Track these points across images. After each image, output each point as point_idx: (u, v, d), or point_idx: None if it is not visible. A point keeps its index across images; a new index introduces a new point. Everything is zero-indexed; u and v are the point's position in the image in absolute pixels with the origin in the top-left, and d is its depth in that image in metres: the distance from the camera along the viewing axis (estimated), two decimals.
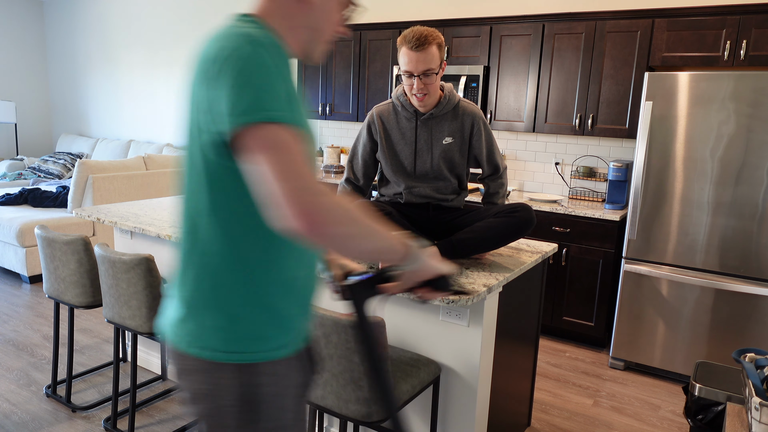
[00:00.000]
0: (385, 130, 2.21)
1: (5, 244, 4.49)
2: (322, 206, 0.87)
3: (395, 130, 2.20)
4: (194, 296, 1.02)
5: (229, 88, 0.89)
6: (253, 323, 1.00)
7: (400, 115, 2.20)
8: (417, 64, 1.98)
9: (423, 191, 2.22)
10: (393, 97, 2.23)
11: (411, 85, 2.05)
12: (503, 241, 2.08)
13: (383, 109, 2.24)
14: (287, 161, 0.87)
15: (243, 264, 0.99)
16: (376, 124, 2.22)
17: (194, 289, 1.02)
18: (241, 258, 0.99)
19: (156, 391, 2.87)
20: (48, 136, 7.84)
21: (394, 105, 2.22)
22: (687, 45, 3.22)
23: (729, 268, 2.97)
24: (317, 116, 4.84)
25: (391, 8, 4.66)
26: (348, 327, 1.61)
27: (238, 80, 0.89)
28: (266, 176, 0.88)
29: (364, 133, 2.26)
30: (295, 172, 0.87)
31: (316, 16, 1.08)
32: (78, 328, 3.63)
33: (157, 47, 6.38)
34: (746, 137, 2.85)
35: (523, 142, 4.18)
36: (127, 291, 2.26)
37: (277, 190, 0.87)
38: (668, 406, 2.92)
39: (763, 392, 1.63)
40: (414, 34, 1.96)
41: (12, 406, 2.68)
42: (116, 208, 2.99)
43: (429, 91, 2.05)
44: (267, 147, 0.88)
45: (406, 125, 2.19)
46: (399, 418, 1.18)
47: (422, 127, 2.17)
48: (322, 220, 0.86)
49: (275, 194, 0.87)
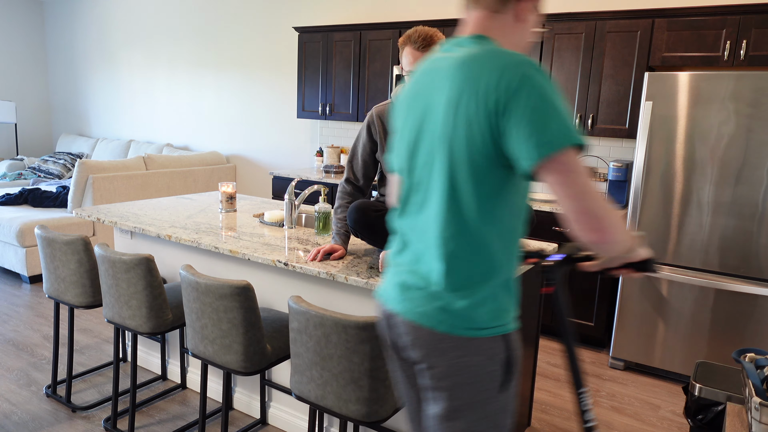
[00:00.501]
0: (384, 130, 2.21)
1: (5, 244, 4.49)
2: (609, 225, 1.07)
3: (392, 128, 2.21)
4: (467, 286, 1.20)
5: (530, 119, 1.06)
6: (504, 300, 1.22)
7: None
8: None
9: None
10: (393, 97, 2.23)
11: None
12: None
13: (383, 109, 2.24)
14: (581, 183, 1.06)
15: (502, 256, 1.21)
16: (376, 125, 2.22)
17: (467, 280, 1.20)
18: (502, 251, 1.20)
19: (156, 391, 2.87)
20: (48, 136, 7.84)
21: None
22: (687, 45, 3.22)
23: (729, 268, 2.97)
24: (317, 116, 4.84)
25: (391, 8, 4.66)
26: (348, 327, 1.61)
27: (538, 110, 1.05)
28: (566, 196, 1.07)
29: (364, 134, 2.26)
30: (587, 193, 1.06)
31: (526, 31, 1.24)
32: (78, 328, 3.63)
33: (157, 47, 6.38)
34: (746, 137, 2.85)
35: None
36: (127, 291, 2.26)
37: (574, 209, 1.07)
38: (668, 406, 2.92)
39: (763, 392, 1.63)
40: (419, 34, 1.97)
41: (12, 406, 2.68)
42: (116, 208, 2.99)
43: None
44: (567, 171, 1.06)
45: None
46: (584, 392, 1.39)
47: None
48: (609, 237, 1.07)
49: (574, 212, 1.07)
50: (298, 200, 2.68)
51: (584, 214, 1.06)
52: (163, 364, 2.98)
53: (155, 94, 6.52)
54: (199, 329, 2.04)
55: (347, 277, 1.95)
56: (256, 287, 2.54)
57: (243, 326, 1.93)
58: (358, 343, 1.62)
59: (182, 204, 3.17)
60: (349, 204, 2.26)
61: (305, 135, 5.38)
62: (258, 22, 5.49)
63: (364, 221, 2.06)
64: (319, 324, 1.67)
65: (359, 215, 2.06)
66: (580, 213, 1.06)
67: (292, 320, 1.76)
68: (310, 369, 1.74)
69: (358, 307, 2.22)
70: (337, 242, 2.20)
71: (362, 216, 2.06)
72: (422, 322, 1.23)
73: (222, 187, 2.97)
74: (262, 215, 2.94)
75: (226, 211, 2.99)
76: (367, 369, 1.64)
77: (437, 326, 1.21)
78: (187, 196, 3.42)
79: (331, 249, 2.15)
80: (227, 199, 2.98)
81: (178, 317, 2.36)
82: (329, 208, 2.53)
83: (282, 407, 2.59)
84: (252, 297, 1.92)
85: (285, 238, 2.48)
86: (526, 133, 1.06)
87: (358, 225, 2.08)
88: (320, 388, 1.73)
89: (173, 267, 2.85)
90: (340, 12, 4.95)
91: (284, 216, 2.69)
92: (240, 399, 2.72)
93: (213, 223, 2.72)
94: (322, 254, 2.12)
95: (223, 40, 5.78)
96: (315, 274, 2.03)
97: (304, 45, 4.82)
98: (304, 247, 2.33)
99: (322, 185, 2.99)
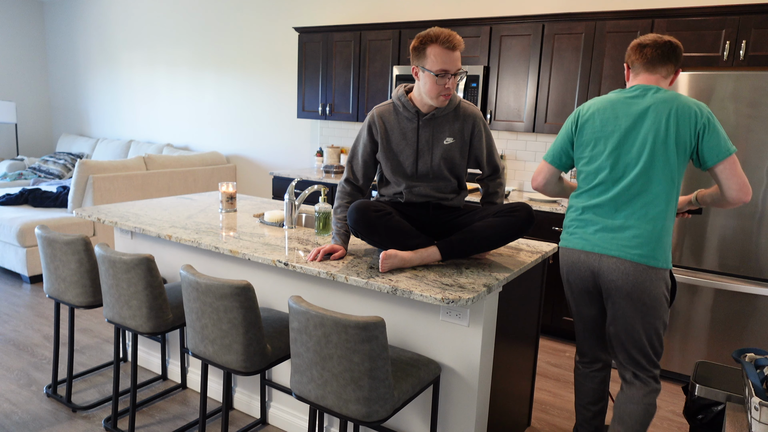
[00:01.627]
0: (386, 130, 2.21)
1: (5, 244, 4.50)
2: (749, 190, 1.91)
3: (396, 130, 2.21)
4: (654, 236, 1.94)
5: (716, 136, 1.87)
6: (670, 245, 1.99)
7: (401, 115, 2.20)
8: (454, 63, 2.03)
9: (423, 190, 2.23)
10: (393, 98, 2.23)
11: (443, 85, 2.05)
12: (503, 240, 2.09)
13: (384, 109, 2.24)
14: (740, 172, 1.89)
15: (672, 214, 1.96)
16: (377, 125, 2.22)
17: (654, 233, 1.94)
18: (672, 212, 1.96)
19: (156, 391, 2.87)
20: (48, 136, 7.85)
21: (395, 105, 2.22)
22: (687, 45, 3.22)
23: (729, 268, 2.97)
24: (317, 116, 4.85)
25: (391, 8, 4.66)
26: (348, 327, 1.61)
27: (716, 130, 1.88)
28: (733, 178, 1.89)
29: (365, 134, 2.26)
30: (742, 176, 1.89)
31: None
32: (78, 328, 3.63)
33: (157, 47, 6.38)
34: (746, 137, 2.86)
35: (523, 142, 4.18)
36: (127, 291, 2.26)
37: (739, 185, 1.89)
38: (668, 406, 2.92)
39: (762, 392, 1.63)
40: (448, 35, 2.00)
41: (12, 406, 2.69)
42: (116, 208, 2.99)
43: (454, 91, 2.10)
44: (734, 165, 1.88)
45: (407, 126, 2.20)
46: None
47: (424, 128, 2.18)
48: (749, 198, 1.92)
49: (738, 186, 1.89)
50: (298, 200, 2.69)
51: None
52: (163, 364, 2.99)
53: (155, 94, 6.52)
54: (199, 329, 2.04)
55: (347, 277, 1.95)
56: (256, 287, 2.54)
57: (243, 326, 1.93)
58: (358, 343, 1.62)
59: (182, 204, 3.18)
60: (349, 204, 2.26)
61: (305, 135, 5.38)
62: (258, 23, 5.49)
63: (365, 221, 2.06)
64: (319, 324, 1.67)
65: (359, 215, 2.06)
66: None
67: (292, 320, 1.76)
68: (310, 369, 1.74)
69: (358, 307, 2.22)
70: (337, 242, 2.20)
71: (362, 216, 2.06)
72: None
73: (222, 187, 2.97)
74: (262, 215, 2.94)
75: (226, 211, 2.99)
76: (367, 369, 1.64)
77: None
78: (187, 196, 3.43)
79: (331, 249, 2.15)
80: (227, 199, 2.99)
81: (178, 317, 2.37)
82: (329, 208, 2.53)
83: (282, 407, 2.59)
84: (252, 297, 1.92)
85: (285, 238, 2.48)
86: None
87: (358, 225, 2.08)
88: (320, 388, 1.73)
89: (173, 267, 2.85)
90: (340, 12, 4.95)
91: (284, 216, 2.70)
92: (240, 399, 2.72)
93: (213, 223, 2.72)
94: (322, 254, 2.12)
95: (223, 40, 5.78)
96: (315, 274, 2.03)
97: (304, 45, 4.83)
98: (304, 247, 2.33)
99: (323, 185, 3.00)
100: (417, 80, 2.11)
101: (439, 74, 2.02)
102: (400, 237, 2.08)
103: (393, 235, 2.08)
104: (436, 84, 2.04)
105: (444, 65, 2.01)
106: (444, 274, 2.00)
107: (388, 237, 2.08)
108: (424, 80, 2.06)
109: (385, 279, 1.92)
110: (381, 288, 1.88)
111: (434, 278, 1.94)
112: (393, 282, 1.89)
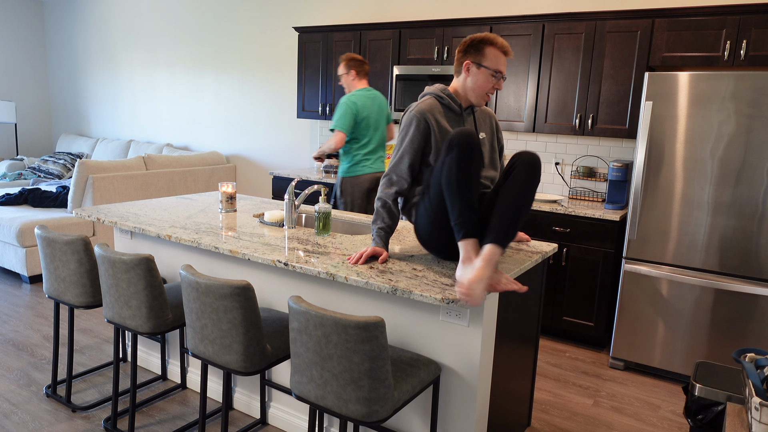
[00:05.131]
0: (439, 127, 2.15)
1: (5, 244, 4.49)
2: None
3: (447, 125, 2.17)
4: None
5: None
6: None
7: (447, 110, 2.19)
8: (505, 67, 2.16)
9: (482, 181, 2.22)
10: (434, 94, 2.19)
11: (494, 84, 2.14)
12: (528, 194, 1.93)
13: (430, 107, 2.15)
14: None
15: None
16: (432, 124, 2.14)
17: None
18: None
19: (156, 391, 2.87)
20: (48, 136, 7.85)
21: (439, 100, 2.18)
22: (687, 45, 3.22)
23: (729, 268, 2.97)
24: (317, 116, 4.84)
25: (391, 8, 4.66)
26: (348, 327, 1.61)
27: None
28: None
29: (417, 137, 2.13)
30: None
31: None
32: (78, 328, 3.63)
33: (157, 47, 6.38)
34: (746, 137, 2.85)
35: (523, 142, 4.18)
36: (127, 291, 2.26)
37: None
38: (668, 406, 2.92)
39: (763, 392, 1.63)
40: (504, 41, 2.13)
41: (12, 406, 2.68)
42: (116, 208, 2.99)
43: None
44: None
45: (453, 119, 2.20)
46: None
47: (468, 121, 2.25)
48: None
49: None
50: (298, 200, 2.68)
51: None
52: (163, 364, 2.98)
53: (155, 94, 6.52)
54: (199, 329, 2.04)
55: (347, 277, 1.95)
56: (256, 287, 2.54)
57: (243, 326, 1.93)
58: (358, 343, 1.62)
59: (182, 204, 3.17)
60: (397, 194, 2.15)
61: (305, 135, 5.38)
62: (258, 22, 5.49)
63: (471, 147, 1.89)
64: (319, 324, 1.67)
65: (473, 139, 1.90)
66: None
67: (292, 320, 1.76)
68: (310, 369, 1.74)
69: (358, 307, 2.22)
70: (378, 245, 2.13)
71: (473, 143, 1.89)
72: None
73: (222, 187, 2.97)
74: (262, 215, 2.94)
75: (226, 211, 2.99)
76: (367, 369, 1.64)
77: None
78: (187, 196, 3.42)
79: (374, 252, 2.10)
80: (227, 199, 2.98)
81: (178, 317, 2.36)
82: (329, 208, 2.53)
83: (282, 407, 2.59)
84: (252, 297, 1.92)
85: (285, 238, 2.48)
86: None
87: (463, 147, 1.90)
88: (320, 388, 1.73)
89: (173, 267, 2.85)
90: (340, 12, 4.95)
91: (284, 216, 2.69)
92: (240, 399, 2.72)
93: (213, 223, 2.72)
94: (365, 257, 2.09)
95: (223, 40, 5.78)
96: (315, 274, 2.03)
97: (304, 45, 4.82)
98: (304, 247, 2.33)
99: (322, 185, 2.99)
100: (466, 75, 2.14)
101: (495, 73, 2.11)
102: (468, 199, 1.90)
103: (466, 194, 1.91)
104: (488, 82, 2.12)
105: (500, 66, 2.12)
106: (444, 274, 2.00)
107: (459, 192, 1.90)
108: (477, 76, 2.12)
109: (384, 279, 1.92)
110: (381, 288, 1.88)
111: (434, 278, 1.94)
112: (393, 282, 1.88)
